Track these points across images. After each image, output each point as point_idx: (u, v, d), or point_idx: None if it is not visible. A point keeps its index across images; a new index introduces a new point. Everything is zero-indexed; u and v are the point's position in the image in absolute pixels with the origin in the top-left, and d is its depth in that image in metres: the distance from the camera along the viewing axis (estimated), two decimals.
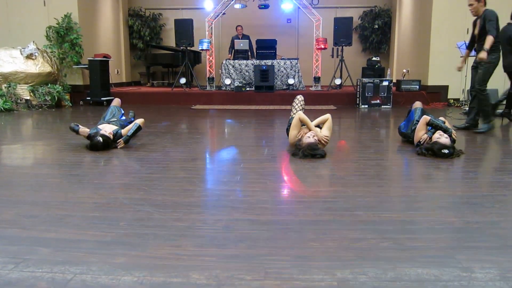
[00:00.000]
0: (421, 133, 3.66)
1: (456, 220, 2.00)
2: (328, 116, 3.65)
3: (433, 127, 3.62)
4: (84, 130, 3.72)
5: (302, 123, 3.62)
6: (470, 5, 4.62)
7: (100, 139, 3.61)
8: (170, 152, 3.69)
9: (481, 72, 4.65)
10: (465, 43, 6.71)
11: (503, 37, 4.82)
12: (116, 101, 4.46)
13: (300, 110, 3.90)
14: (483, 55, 4.42)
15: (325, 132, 3.58)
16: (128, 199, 2.33)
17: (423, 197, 2.39)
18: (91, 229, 1.89)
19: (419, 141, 3.64)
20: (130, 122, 4.08)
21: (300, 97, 4.04)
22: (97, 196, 2.39)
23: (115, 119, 4.08)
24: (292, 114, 3.97)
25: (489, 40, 4.40)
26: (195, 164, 3.31)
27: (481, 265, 1.53)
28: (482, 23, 4.57)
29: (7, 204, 2.25)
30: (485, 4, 4.62)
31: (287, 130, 3.84)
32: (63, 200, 2.32)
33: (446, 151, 3.34)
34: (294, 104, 4.02)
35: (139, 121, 3.94)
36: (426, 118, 3.66)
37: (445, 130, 3.55)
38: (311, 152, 3.34)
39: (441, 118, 3.73)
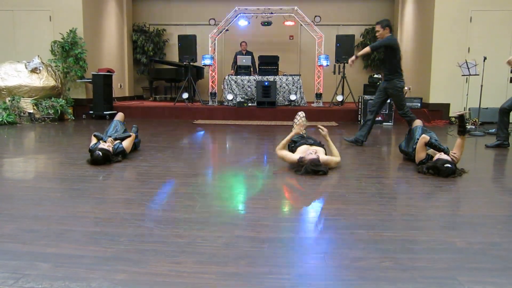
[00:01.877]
0: (421, 155, 3.63)
1: (457, 240, 1.98)
2: (338, 159, 3.65)
3: (432, 147, 3.60)
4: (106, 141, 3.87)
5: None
6: (377, 31, 4.86)
7: (100, 153, 3.64)
8: (171, 167, 3.69)
9: (395, 100, 4.95)
10: (466, 62, 6.79)
11: None
12: (120, 116, 4.49)
13: (301, 129, 3.90)
14: (352, 58, 4.92)
15: (324, 157, 3.57)
16: (128, 214, 2.33)
17: (424, 216, 2.38)
18: (91, 245, 1.89)
19: (421, 160, 3.62)
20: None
21: (301, 114, 4.06)
22: (98, 211, 2.39)
23: (117, 134, 4.10)
24: (292, 129, 3.98)
25: (365, 50, 4.81)
26: (196, 179, 3.31)
27: (483, 287, 1.52)
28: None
29: (8, 218, 2.25)
30: (390, 31, 4.82)
31: (288, 147, 3.86)
32: (64, 215, 2.32)
33: (449, 165, 3.32)
34: (295, 120, 4.04)
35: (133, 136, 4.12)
36: (425, 138, 3.61)
37: (444, 151, 3.54)
38: (313, 168, 3.34)
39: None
